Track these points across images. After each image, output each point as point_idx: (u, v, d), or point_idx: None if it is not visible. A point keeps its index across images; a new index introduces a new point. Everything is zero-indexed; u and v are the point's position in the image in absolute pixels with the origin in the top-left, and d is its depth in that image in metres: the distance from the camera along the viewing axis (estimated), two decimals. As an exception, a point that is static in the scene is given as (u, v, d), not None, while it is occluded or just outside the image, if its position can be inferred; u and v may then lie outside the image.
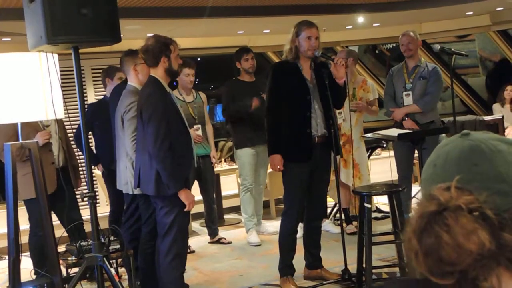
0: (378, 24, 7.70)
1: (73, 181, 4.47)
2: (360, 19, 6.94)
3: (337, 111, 5.17)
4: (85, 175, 3.07)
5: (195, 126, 5.13)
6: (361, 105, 5.34)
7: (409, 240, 0.82)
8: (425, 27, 7.79)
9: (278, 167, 3.98)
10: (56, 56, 3.21)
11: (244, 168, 5.48)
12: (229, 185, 6.70)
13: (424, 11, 6.72)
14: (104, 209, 5.86)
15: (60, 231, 3.70)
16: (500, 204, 0.79)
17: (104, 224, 4.22)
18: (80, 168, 4.54)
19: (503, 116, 6.68)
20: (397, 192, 3.85)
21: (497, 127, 6.47)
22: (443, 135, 4.99)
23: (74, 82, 3.08)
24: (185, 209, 3.49)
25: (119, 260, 4.18)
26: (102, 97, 5.27)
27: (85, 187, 3.15)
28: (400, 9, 6.54)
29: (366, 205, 3.73)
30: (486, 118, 6.58)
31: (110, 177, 4.84)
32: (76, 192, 4.72)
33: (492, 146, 0.85)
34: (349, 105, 4.99)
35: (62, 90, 3.29)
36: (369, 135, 4.76)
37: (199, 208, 5.61)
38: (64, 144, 4.40)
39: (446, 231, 0.78)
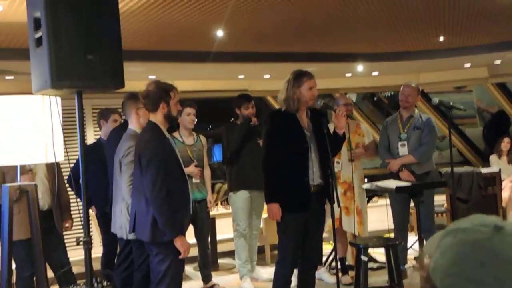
0: (377, 73, 7.81)
1: (57, 223, 4.32)
2: (359, 67, 7.04)
3: (335, 159, 5.20)
4: (82, 219, 3.04)
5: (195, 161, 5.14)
6: (358, 153, 5.31)
7: None
8: (423, 77, 7.91)
9: (276, 217, 3.95)
10: (59, 99, 3.23)
11: (238, 213, 5.45)
12: (224, 229, 6.65)
13: (423, 62, 6.84)
14: (96, 249, 5.79)
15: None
16: None
17: (96, 266, 4.17)
18: (76, 210, 4.48)
19: (500, 169, 6.70)
20: (394, 245, 3.83)
21: (494, 179, 6.49)
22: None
23: (74, 121, 3.09)
24: (180, 257, 3.45)
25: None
26: (99, 137, 5.29)
27: (80, 230, 3.12)
28: (399, 59, 6.66)
29: (363, 257, 3.70)
30: (484, 170, 6.60)
31: (103, 220, 4.81)
32: (68, 234, 4.68)
33: None
34: (347, 155, 5.01)
35: (62, 130, 3.30)
36: (366, 185, 4.77)
37: (193, 252, 5.54)
38: (52, 185, 4.26)
39: None
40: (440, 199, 6.64)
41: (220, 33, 4.89)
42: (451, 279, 0.82)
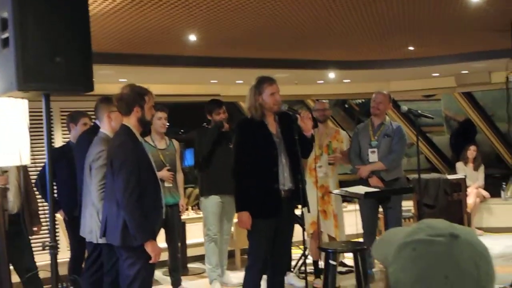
0: (348, 80, 7.90)
1: (28, 227, 4.25)
2: (331, 75, 7.12)
3: (317, 165, 5.26)
4: (48, 223, 3.00)
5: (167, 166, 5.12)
6: (338, 158, 5.42)
7: None
8: (393, 85, 8.03)
9: (246, 225, 3.95)
10: (26, 101, 3.18)
11: (208, 218, 5.44)
12: (194, 233, 6.63)
13: (393, 71, 6.95)
14: (63, 254, 5.70)
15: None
16: None
17: (63, 270, 4.11)
18: (43, 214, 4.42)
19: (466, 176, 6.84)
20: (361, 250, 3.88)
21: (460, 186, 6.63)
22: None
23: (41, 124, 3.03)
24: (151, 261, 3.43)
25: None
26: (68, 140, 5.21)
27: (46, 234, 3.08)
28: (369, 67, 6.75)
29: (331, 262, 3.74)
30: (450, 177, 6.74)
31: (71, 223, 4.75)
32: (35, 239, 4.60)
33: (483, 246, 0.87)
34: (326, 159, 5.07)
35: (30, 132, 3.25)
36: (336, 191, 4.81)
37: (163, 256, 5.51)
38: (23, 189, 4.19)
39: None
40: (408, 205, 6.74)
41: (192, 37, 4.88)
42: None
